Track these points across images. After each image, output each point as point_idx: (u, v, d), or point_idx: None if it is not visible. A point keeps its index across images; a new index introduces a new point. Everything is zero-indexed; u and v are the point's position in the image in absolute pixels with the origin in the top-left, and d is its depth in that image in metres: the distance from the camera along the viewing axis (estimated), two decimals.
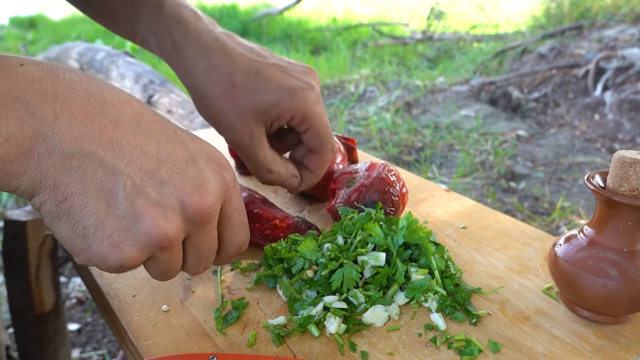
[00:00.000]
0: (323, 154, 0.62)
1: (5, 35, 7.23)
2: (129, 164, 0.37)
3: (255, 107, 0.56)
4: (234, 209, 0.44)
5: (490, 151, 2.98)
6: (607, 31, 4.50)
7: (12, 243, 0.97)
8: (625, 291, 0.47)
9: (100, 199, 0.36)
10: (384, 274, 0.54)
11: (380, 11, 8.41)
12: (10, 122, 0.33)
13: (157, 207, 0.37)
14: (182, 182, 0.39)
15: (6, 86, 0.33)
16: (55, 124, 0.34)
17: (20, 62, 0.35)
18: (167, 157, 0.39)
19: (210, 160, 0.42)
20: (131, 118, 0.38)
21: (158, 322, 0.52)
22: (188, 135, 0.43)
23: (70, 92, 0.36)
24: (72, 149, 0.35)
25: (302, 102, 0.57)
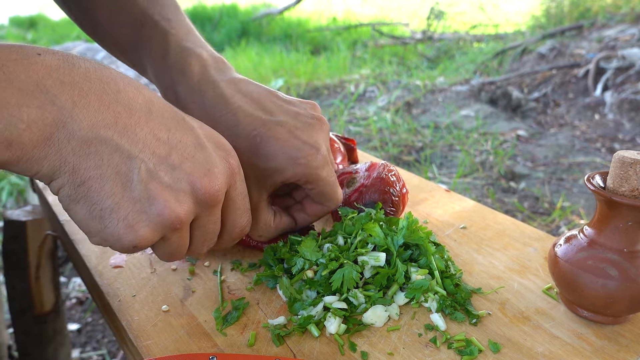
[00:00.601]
0: (326, 207, 0.60)
1: (5, 35, 7.23)
2: (142, 149, 0.38)
3: (257, 175, 0.54)
4: (238, 193, 0.46)
5: (490, 151, 2.98)
6: (607, 31, 4.50)
7: (12, 243, 0.97)
8: (625, 291, 0.47)
9: (117, 183, 0.38)
10: (384, 274, 0.54)
11: (380, 11, 8.41)
12: (32, 110, 0.34)
13: (169, 190, 0.39)
14: (192, 167, 0.41)
15: (26, 75, 0.34)
16: (73, 111, 0.36)
17: (38, 52, 0.36)
18: (177, 143, 0.40)
19: (217, 147, 0.44)
20: (143, 105, 0.40)
21: (158, 322, 0.52)
22: (196, 122, 0.44)
23: (86, 80, 0.37)
24: (90, 135, 0.37)
25: (306, 169, 0.54)
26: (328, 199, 0.58)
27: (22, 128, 0.34)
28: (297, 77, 4.78)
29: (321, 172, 0.55)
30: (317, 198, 0.58)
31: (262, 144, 0.53)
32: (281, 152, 0.53)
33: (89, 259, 0.63)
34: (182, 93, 0.56)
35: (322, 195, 0.58)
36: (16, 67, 0.34)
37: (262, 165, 0.53)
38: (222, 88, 0.55)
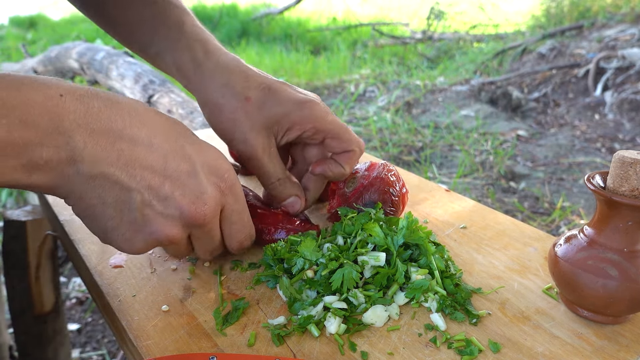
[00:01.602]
0: (351, 151, 0.62)
1: (5, 35, 7.23)
2: (139, 182, 0.45)
3: (267, 119, 0.59)
4: (232, 211, 0.52)
5: (490, 151, 2.98)
6: (607, 31, 4.50)
7: (12, 243, 0.97)
8: (626, 291, 0.47)
9: (116, 209, 0.46)
10: (384, 274, 0.54)
11: (380, 11, 8.41)
12: (50, 149, 0.41)
13: (161, 216, 0.47)
14: (182, 194, 0.47)
15: (49, 118, 0.41)
16: (84, 151, 0.43)
17: (60, 93, 0.42)
18: (172, 172, 0.47)
19: (211, 172, 0.49)
20: (145, 139, 0.46)
21: (158, 322, 0.52)
22: (195, 148, 0.49)
23: (98, 120, 0.43)
24: (94, 172, 0.44)
25: (311, 113, 0.59)
26: (347, 142, 0.61)
27: (41, 164, 0.41)
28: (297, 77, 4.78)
29: (326, 116, 0.60)
30: (336, 147, 0.61)
31: (270, 93, 0.59)
32: (287, 99, 0.59)
33: (89, 259, 0.63)
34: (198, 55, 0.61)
35: (338, 139, 0.61)
36: (41, 110, 0.40)
37: (270, 111, 0.59)
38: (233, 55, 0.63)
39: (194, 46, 0.62)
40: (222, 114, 0.60)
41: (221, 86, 0.60)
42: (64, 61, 2.96)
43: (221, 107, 0.60)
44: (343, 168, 0.62)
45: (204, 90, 0.61)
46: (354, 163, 0.63)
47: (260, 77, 0.61)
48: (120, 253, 0.64)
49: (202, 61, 0.61)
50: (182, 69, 0.62)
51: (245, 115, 0.59)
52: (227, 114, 0.59)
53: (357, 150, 0.62)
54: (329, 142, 0.61)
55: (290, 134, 0.60)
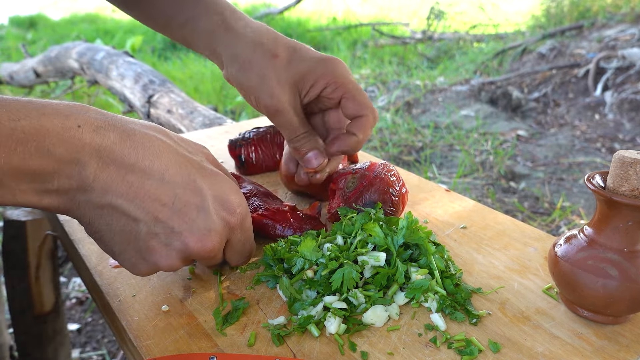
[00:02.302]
0: (364, 116, 0.63)
1: (5, 35, 7.23)
2: (147, 214, 0.46)
3: (293, 75, 0.61)
4: (237, 241, 0.53)
5: (490, 151, 2.98)
6: (607, 31, 4.50)
7: (12, 243, 0.97)
8: (626, 291, 0.47)
9: (123, 237, 0.47)
10: (384, 274, 0.54)
11: (380, 11, 8.41)
12: (63, 178, 0.43)
13: (166, 248, 0.48)
14: (189, 231, 0.48)
15: (65, 148, 0.42)
16: (94, 182, 0.44)
17: (79, 124, 0.43)
18: (181, 207, 0.47)
19: (222, 207, 0.50)
20: (157, 173, 0.46)
21: (158, 322, 0.52)
22: (207, 181, 0.50)
23: (111, 153, 0.44)
24: (103, 202, 0.45)
25: (334, 70, 0.62)
26: (362, 106, 0.62)
27: (52, 190, 0.43)
28: None
29: (347, 75, 0.62)
30: (352, 109, 0.62)
31: (295, 52, 0.62)
32: (311, 57, 0.62)
33: (89, 259, 0.63)
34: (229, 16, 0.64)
35: (354, 101, 0.62)
36: (58, 140, 0.42)
37: (297, 67, 0.61)
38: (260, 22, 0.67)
39: (224, 12, 0.65)
40: (251, 70, 0.61)
41: (251, 45, 0.62)
42: (64, 61, 2.96)
43: (250, 63, 0.62)
44: (356, 136, 0.63)
45: (233, 50, 0.63)
46: (368, 130, 0.63)
47: (287, 39, 0.64)
48: None
49: (232, 24, 0.64)
50: (211, 33, 0.64)
51: (273, 71, 0.61)
52: (256, 69, 0.61)
53: (371, 117, 0.63)
54: (345, 102, 0.62)
55: (313, 90, 0.62)
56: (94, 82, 2.73)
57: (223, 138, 1.01)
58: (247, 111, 3.77)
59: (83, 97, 3.69)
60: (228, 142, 0.84)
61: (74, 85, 3.37)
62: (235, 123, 1.19)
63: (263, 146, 0.83)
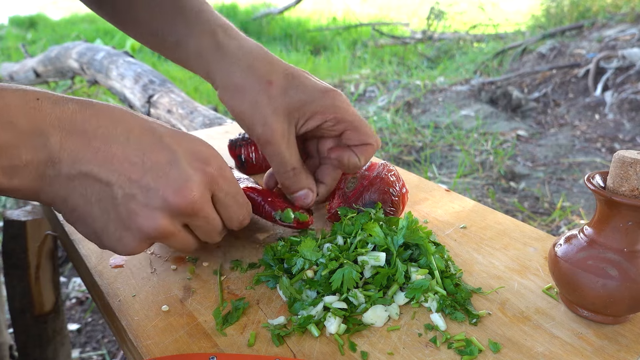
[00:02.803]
0: (369, 144, 0.62)
1: (5, 35, 7.23)
2: (119, 176, 0.45)
3: (288, 105, 0.58)
4: (224, 194, 0.51)
5: (490, 151, 2.98)
6: (607, 31, 4.50)
7: (12, 243, 0.97)
8: (626, 291, 0.47)
9: (101, 207, 0.45)
10: (384, 274, 0.54)
11: (380, 11, 8.41)
12: (29, 151, 0.42)
13: (146, 208, 0.46)
14: (166, 184, 0.46)
15: (26, 120, 0.42)
16: (60, 152, 0.43)
17: (37, 97, 0.43)
18: (151, 165, 0.46)
19: (194, 158, 0.48)
20: (121, 135, 0.46)
21: (158, 322, 0.52)
22: (174, 139, 0.48)
23: (72, 121, 0.44)
24: (73, 172, 0.44)
25: (334, 102, 0.59)
26: (366, 135, 0.61)
27: (21, 166, 0.42)
28: None
29: (348, 107, 0.60)
30: (355, 139, 0.61)
31: (293, 80, 0.59)
32: (311, 87, 0.59)
33: (89, 259, 0.63)
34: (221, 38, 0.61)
35: (357, 132, 0.61)
36: (19, 112, 0.42)
37: (293, 97, 0.58)
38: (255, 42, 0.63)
39: (216, 31, 0.61)
40: (244, 96, 0.59)
41: (244, 68, 0.59)
42: (64, 61, 2.96)
43: (243, 89, 0.59)
44: (359, 159, 0.62)
45: (225, 73, 0.60)
46: (370, 157, 0.63)
47: (284, 64, 0.61)
48: None
49: (224, 44, 0.61)
50: (203, 54, 0.62)
51: (267, 99, 0.58)
52: (249, 96, 0.58)
53: (374, 145, 0.62)
54: (349, 134, 0.61)
55: (310, 123, 0.60)
56: (94, 82, 2.73)
57: (223, 138, 1.01)
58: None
59: (83, 97, 3.70)
60: (228, 142, 0.84)
61: (74, 85, 3.37)
62: (235, 123, 1.19)
63: None
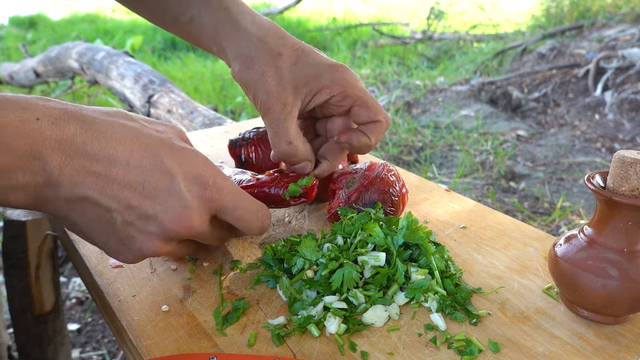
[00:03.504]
0: (378, 121, 0.61)
1: (5, 35, 7.23)
2: (118, 203, 0.45)
3: (296, 78, 0.59)
4: (228, 212, 0.51)
5: (490, 151, 2.98)
6: (607, 31, 4.50)
7: (12, 243, 0.97)
8: (626, 291, 0.47)
9: (101, 227, 0.47)
10: (384, 274, 0.54)
11: (380, 11, 8.41)
12: (27, 174, 0.42)
13: (144, 234, 0.47)
14: (164, 212, 0.47)
15: (24, 142, 0.41)
16: (59, 177, 0.43)
17: (37, 116, 0.42)
18: (151, 191, 0.46)
19: (194, 182, 0.48)
20: (122, 159, 0.45)
21: (158, 322, 0.52)
22: (175, 160, 0.48)
23: (72, 144, 0.43)
24: (72, 196, 0.44)
25: (342, 77, 0.59)
26: (375, 112, 0.60)
27: (19, 188, 0.42)
28: None
29: (356, 83, 0.60)
30: (364, 116, 0.60)
31: (303, 55, 0.60)
32: (320, 62, 0.59)
33: (89, 259, 0.63)
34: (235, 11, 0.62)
35: (366, 108, 0.60)
36: (17, 134, 0.41)
37: (302, 71, 0.59)
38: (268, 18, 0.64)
39: (230, 7, 0.62)
40: (253, 66, 0.59)
41: (256, 41, 0.60)
42: (64, 61, 2.96)
43: (253, 60, 0.59)
44: (369, 139, 0.61)
45: (238, 46, 0.60)
46: (380, 135, 0.62)
47: (295, 39, 0.61)
48: None
49: (238, 19, 0.61)
50: (219, 29, 0.62)
51: (275, 70, 0.58)
52: (258, 66, 0.59)
53: (384, 122, 0.62)
54: (357, 110, 0.61)
55: (318, 98, 0.60)
56: (94, 82, 2.73)
57: (223, 138, 1.01)
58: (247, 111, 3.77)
59: (83, 97, 3.70)
60: (228, 142, 0.84)
61: (74, 85, 3.37)
62: (235, 123, 1.19)
63: (263, 146, 0.83)
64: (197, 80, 4.55)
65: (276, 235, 0.68)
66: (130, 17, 8.48)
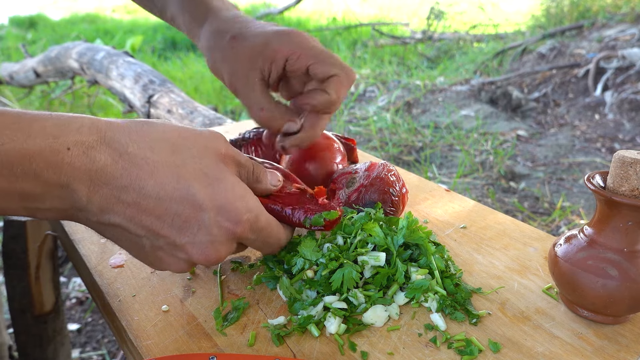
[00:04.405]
0: (335, 75, 0.60)
1: (5, 35, 7.23)
2: (148, 231, 0.46)
3: (250, 50, 0.61)
4: (252, 241, 0.52)
5: (490, 151, 2.98)
6: (607, 31, 4.50)
7: (12, 243, 0.97)
8: (626, 291, 0.47)
9: (131, 246, 0.48)
10: (384, 274, 0.54)
11: (380, 11, 8.41)
12: (55, 199, 0.42)
13: (172, 257, 0.48)
14: (192, 245, 0.47)
15: (53, 171, 0.41)
16: (88, 204, 0.43)
17: (68, 146, 0.41)
18: (181, 224, 0.46)
19: (224, 217, 0.48)
20: (153, 192, 0.45)
21: (158, 322, 0.52)
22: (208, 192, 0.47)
23: (102, 176, 0.43)
24: (102, 220, 0.45)
25: (290, 39, 0.60)
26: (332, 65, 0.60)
27: (46, 209, 0.43)
28: None
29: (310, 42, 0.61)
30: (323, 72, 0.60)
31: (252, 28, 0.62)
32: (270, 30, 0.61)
33: (89, 259, 0.63)
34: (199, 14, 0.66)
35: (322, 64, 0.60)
36: (45, 164, 0.40)
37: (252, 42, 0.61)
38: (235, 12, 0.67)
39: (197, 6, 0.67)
40: (215, 55, 0.63)
41: (212, 32, 0.64)
42: (64, 61, 2.96)
43: (213, 49, 0.63)
44: (328, 94, 0.60)
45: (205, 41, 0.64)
46: (342, 89, 0.60)
47: (249, 18, 0.64)
48: (120, 253, 0.64)
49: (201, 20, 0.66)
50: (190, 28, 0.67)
51: (232, 52, 0.61)
52: (220, 56, 0.62)
53: (342, 74, 0.60)
54: (313, 67, 0.60)
55: (276, 65, 0.61)
56: (94, 82, 2.73)
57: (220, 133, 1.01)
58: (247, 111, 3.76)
59: (83, 97, 3.70)
60: None
61: (74, 85, 3.37)
62: (235, 123, 1.19)
63: (263, 146, 0.83)
64: (197, 80, 4.55)
65: None
66: (131, 17, 8.48)
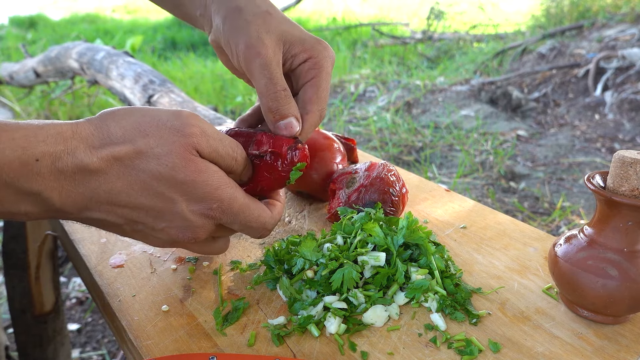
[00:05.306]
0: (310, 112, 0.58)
1: (5, 35, 7.23)
2: (126, 221, 0.49)
3: (283, 32, 0.58)
4: (231, 224, 0.52)
5: (490, 151, 2.98)
6: (607, 31, 4.50)
7: (12, 243, 0.97)
8: (626, 291, 0.47)
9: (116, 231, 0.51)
10: (384, 274, 0.54)
11: (380, 11, 8.41)
12: (28, 205, 0.44)
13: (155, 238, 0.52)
14: (169, 228, 0.50)
15: (25, 181, 0.42)
16: (62, 206, 0.45)
17: (37, 157, 0.43)
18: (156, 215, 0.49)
19: (198, 204, 0.49)
20: (122, 191, 0.47)
21: (158, 322, 0.52)
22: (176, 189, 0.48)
23: (72, 182, 0.45)
24: (80, 217, 0.47)
25: (322, 50, 0.59)
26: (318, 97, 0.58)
27: (21, 214, 0.45)
28: None
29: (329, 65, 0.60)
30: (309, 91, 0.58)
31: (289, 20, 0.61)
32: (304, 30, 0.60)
33: (89, 258, 0.63)
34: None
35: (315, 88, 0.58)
36: (16, 175, 0.42)
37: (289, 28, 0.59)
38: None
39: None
40: (240, 15, 0.58)
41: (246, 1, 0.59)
42: (64, 61, 2.96)
43: (242, 9, 0.58)
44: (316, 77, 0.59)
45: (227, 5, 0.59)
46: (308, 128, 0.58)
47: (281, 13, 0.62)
48: (120, 253, 0.64)
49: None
50: None
51: (262, 21, 0.57)
52: (245, 15, 0.57)
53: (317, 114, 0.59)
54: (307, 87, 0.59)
55: (295, 59, 0.59)
56: (94, 82, 2.73)
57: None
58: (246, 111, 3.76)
59: (83, 97, 3.70)
60: None
61: (74, 85, 3.37)
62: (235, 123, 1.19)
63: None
64: (197, 80, 4.55)
65: (276, 235, 0.68)
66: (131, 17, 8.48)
